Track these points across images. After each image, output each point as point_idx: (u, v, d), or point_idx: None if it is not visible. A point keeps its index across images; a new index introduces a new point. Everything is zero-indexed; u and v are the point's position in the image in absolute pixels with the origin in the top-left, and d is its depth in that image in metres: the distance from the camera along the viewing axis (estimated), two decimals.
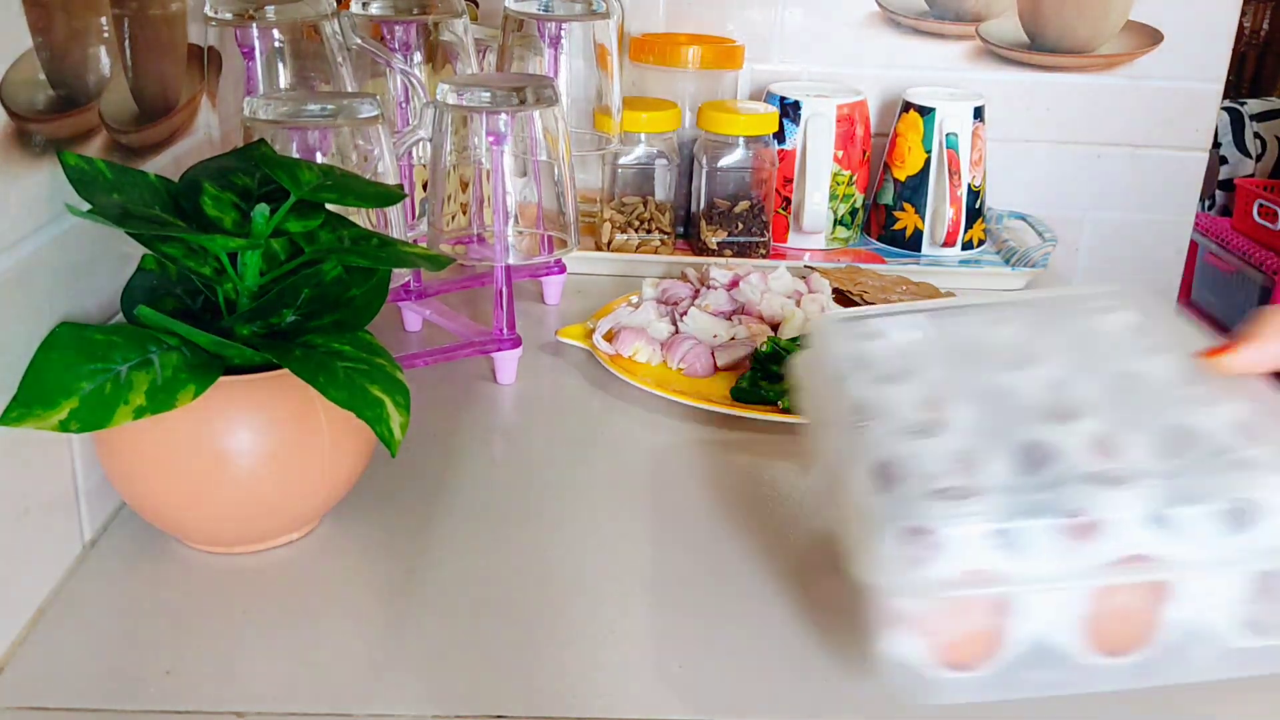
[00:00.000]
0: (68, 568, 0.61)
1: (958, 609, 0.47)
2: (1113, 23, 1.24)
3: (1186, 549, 0.46)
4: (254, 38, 0.77)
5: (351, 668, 0.55)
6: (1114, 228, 1.32)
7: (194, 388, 0.54)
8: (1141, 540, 0.46)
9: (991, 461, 0.49)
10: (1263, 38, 2.66)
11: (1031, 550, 0.46)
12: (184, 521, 0.61)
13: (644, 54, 1.15)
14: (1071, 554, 0.46)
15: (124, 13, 0.66)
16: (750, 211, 1.09)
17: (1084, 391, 0.54)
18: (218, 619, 0.58)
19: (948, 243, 1.13)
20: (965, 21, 1.24)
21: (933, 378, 0.57)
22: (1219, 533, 0.46)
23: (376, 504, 0.68)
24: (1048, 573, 0.46)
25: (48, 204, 0.57)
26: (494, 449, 0.76)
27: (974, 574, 0.46)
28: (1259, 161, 2.33)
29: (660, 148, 1.09)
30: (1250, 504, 0.46)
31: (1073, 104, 1.26)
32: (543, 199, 0.86)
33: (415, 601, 0.60)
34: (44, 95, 0.57)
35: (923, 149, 1.13)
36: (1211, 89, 1.26)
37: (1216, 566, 0.46)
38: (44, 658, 0.55)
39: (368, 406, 0.56)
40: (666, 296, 0.94)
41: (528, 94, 0.77)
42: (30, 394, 0.51)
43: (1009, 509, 0.46)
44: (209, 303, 0.62)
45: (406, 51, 0.87)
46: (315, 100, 0.69)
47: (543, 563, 0.63)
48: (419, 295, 0.92)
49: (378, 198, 0.65)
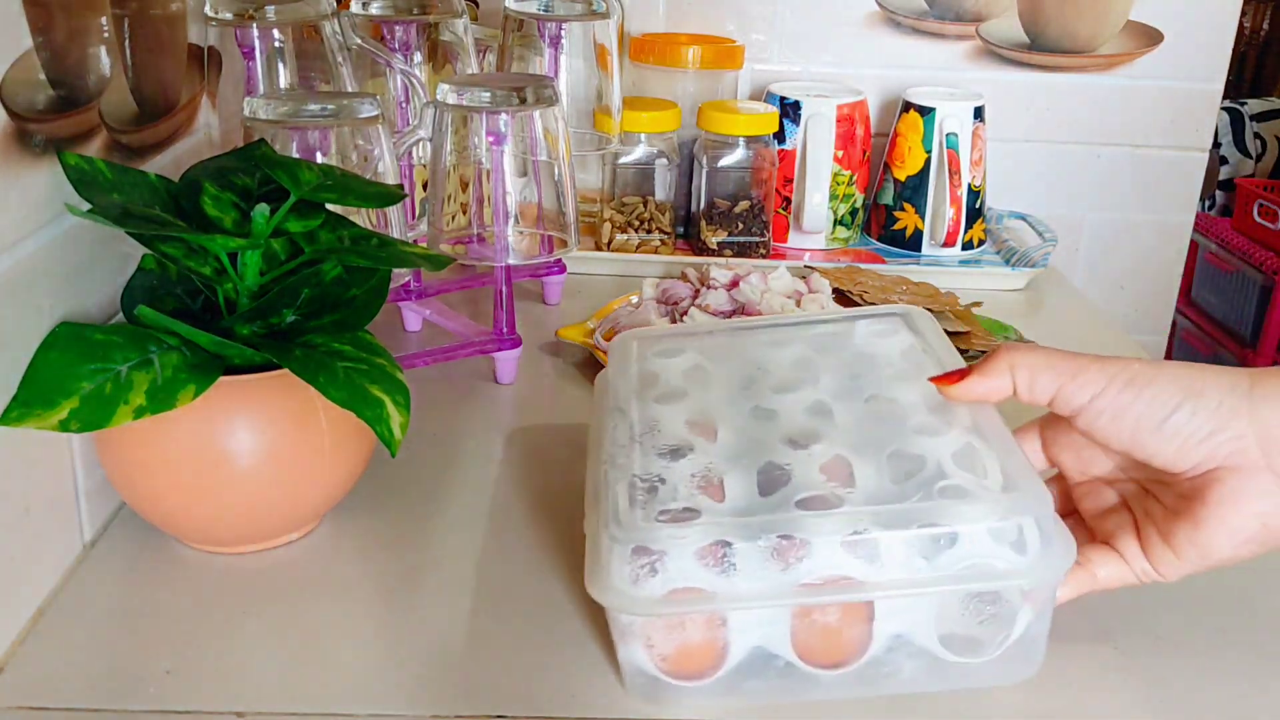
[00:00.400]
0: (68, 568, 0.61)
1: (677, 624, 0.51)
2: (1113, 23, 1.24)
3: (881, 572, 0.49)
4: (254, 38, 0.77)
5: (351, 668, 0.55)
6: (1114, 228, 1.32)
7: (194, 388, 0.54)
8: (843, 562, 0.49)
9: (732, 483, 0.53)
10: (1263, 38, 2.66)
11: (743, 570, 0.49)
12: (184, 521, 0.61)
13: (644, 54, 1.15)
14: (779, 574, 0.49)
15: (124, 13, 0.66)
16: (750, 211, 1.09)
17: (837, 415, 0.58)
18: (218, 619, 0.58)
19: (948, 243, 1.13)
20: (965, 21, 1.24)
21: (706, 399, 0.60)
22: (912, 557, 0.49)
23: (376, 504, 0.68)
24: (754, 592, 0.49)
25: (48, 204, 0.57)
26: (494, 449, 0.76)
27: (687, 592, 0.49)
28: (1259, 161, 2.33)
29: (660, 148, 1.09)
30: (941, 532, 0.49)
31: (1073, 104, 1.26)
32: (543, 199, 0.85)
33: (415, 601, 0.60)
34: (44, 95, 0.57)
35: (923, 149, 1.13)
36: (1211, 89, 1.26)
37: (906, 590, 0.49)
38: (44, 658, 0.55)
39: (368, 406, 0.56)
40: (666, 296, 0.94)
41: (528, 94, 0.77)
42: (30, 394, 0.51)
43: (727, 531, 0.50)
44: (209, 303, 0.62)
45: (406, 51, 0.87)
46: (315, 100, 0.69)
47: (543, 562, 0.63)
48: (419, 295, 0.92)
49: (378, 198, 0.65)
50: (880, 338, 0.65)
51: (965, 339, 0.90)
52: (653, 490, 0.53)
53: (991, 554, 0.49)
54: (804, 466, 0.54)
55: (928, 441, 0.54)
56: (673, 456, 0.55)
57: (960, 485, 0.51)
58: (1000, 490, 0.51)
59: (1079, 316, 1.06)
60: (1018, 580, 0.49)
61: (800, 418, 0.58)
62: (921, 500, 0.51)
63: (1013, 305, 1.06)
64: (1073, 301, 1.09)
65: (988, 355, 0.55)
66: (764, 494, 0.53)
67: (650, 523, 0.50)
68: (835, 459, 0.54)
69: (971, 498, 0.50)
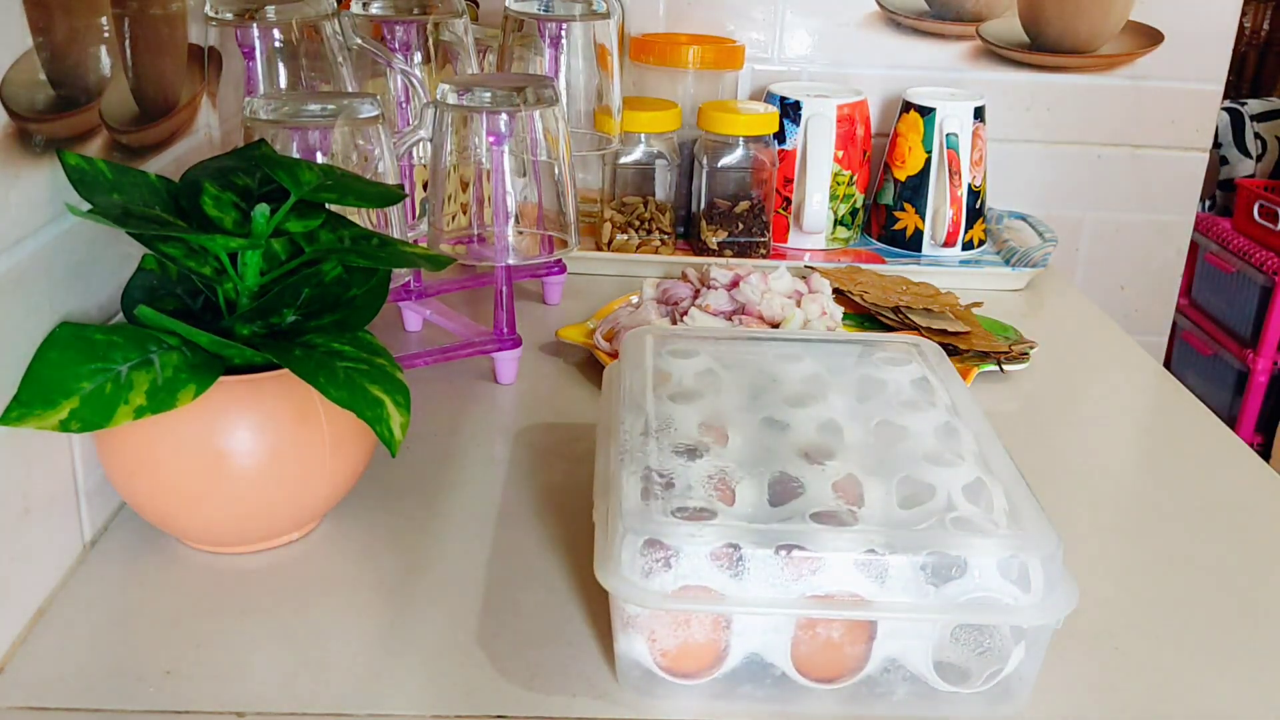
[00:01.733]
0: (68, 568, 0.61)
1: (682, 621, 0.51)
2: (1113, 23, 1.24)
3: (889, 593, 0.50)
4: (254, 38, 0.77)
5: (351, 668, 0.55)
6: (1114, 228, 1.32)
7: (194, 387, 0.54)
8: (851, 580, 0.50)
9: (743, 489, 0.54)
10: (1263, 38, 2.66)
11: (755, 576, 0.50)
12: (184, 521, 0.61)
13: (644, 54, 1.15)
14: (790, 584, 0.49)
15: (124, 13, 0.66)
16: (750, 211, 1.09)
17: (847, 435, 0.59)
18: (218, 619, 0.58)
19: (948, 243, 1.13)
20: (965, 21, 1.24)
21: (719, 403, 0.61)
22: (921, 583, 0.50)
23: (376, 504, 0.68)
24: (762, 599, 0.50)
25: (48, 204, 0.57)
26: (494, 449, 0.76)
27: (698, 591, 0.49)
28: (1259, 161, 2.33)
29: (660, 148, 1.09)
30: (952, 561, 0.50)
31: (1073, 104, 1.26)
32: (543, 199, 0.85)
33: (415, 601, 0.60)
34: (44, 95, 0.57)
35: (923, 149, 1.13)
36: (1211, 89, 1.26)
37: (914, 614, 0.50)
38: (44, 658, 0.55)
39: (368, 406, 0.56)
40: (667, 296, 0.94)
41: (528, 94, 0.77)
42: (30, 394, 0.51)
43: (743, 535, 0.50)
44: (209, 303, 0.62)
45: (406, 51, 0.87)
46: (315, 100, 0.69)
47: (543, 562, 0.63)
48: (419, 295, 0.92)
49: (378, 198, 0.65)
50: (892, 365, 0.66)
51: (965, 339, 0.90)
52: (669, 486, 0.53)
53: (998, 588, 0.50)
54: (817, 481, 0.54)
55: (938, 471, 0.55)
56: (689, 456, 0.55)
57: (970, 518, 0.52)
58: (1009, 527, 0.52)
59: (1079, 316, 1.06)
60: (1021, 618, 0.50)
61: (813, 433, 0.59)
62: (932, 529, 0.51)
63: (1013, 305, 1.06)
64: (1073, 301, 1.09)
65: None
66: (775, 504, 0.53)
67: (666, 517, 0.51)
68: (847, 478, 0.55)
69: (981, 531, 0.51)
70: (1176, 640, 0.59)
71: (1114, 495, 0.75)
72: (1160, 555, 0.67)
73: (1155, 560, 0.66)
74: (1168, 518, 0.71)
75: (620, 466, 0.55)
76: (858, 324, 0.97)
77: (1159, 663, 0.57)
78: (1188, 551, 0.67)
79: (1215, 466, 0.78)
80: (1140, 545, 0.68)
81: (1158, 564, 0.66)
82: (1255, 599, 0.63)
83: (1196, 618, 0.61)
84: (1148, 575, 0.65)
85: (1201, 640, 0.59)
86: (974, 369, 0.87)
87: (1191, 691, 0.55)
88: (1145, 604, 0.62)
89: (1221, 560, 0.66)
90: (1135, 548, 0.68)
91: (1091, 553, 0.67)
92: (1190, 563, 0.66)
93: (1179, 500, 0.74)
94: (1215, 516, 0.71)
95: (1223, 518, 0.71)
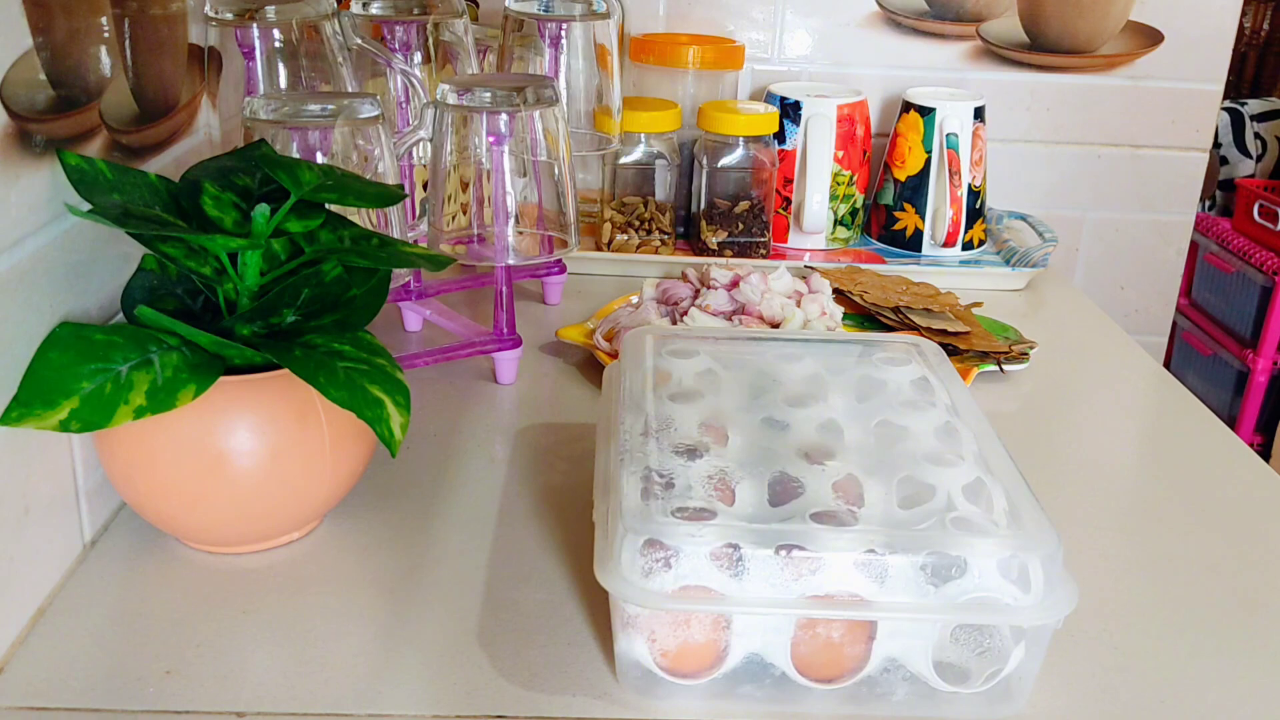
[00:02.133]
0: (68, 568, 0.61)
1: (682, 621, 0.51)
2: (1113, 23, 1.24)
3: (889, 594, 0.50)
4: (254, 38, 0.77)
5: (351, 668, 0.55)
6: (1114, 228, 1.32)
7: (194, 388, 0.54)
8: (851, 580, 0.50)
9: (743, 489, 0.54)
10: (1263, 38, 2.66)
11: (755, 576, 0.50)
12: (184, 521, 0.61)
13: (644, 54, 1.15)
14: (791, 584, 0.49)
15: (124, 13, 0.66)
16: (750, 211, 1.09)
17: (847, 435, 0.59)
18: (218, 619, 0.58)
19: (948, 243, 1.13)
20: (965, 21, 1.24)
21: (719, 403, 0.61)
22: (921, 583, 0.50)
23: (376, 504, 0.68)
24: (762, 599, 0.50)
25: (48, 204, 0.57)
26: (494, 449, 0.76)
27: (698, 591, 0.49)
28: (1259, 162, 2.33)
29: (660, 148, 1.09)
30: (952, 561, 0.50)
31: (1073, 104, 1.26)
32: (543, 199, 0.85)
33: (415, 601, 0.60)
34: (44, 95, 0.57)
35: (923, 149, 1.13)
36: (1211, 89, 1.26)
37: (914, 614, 0.50)
38: (44, 658, 0.55)
39: (368, 406, 0.56)
40: (666, 296, 0.94)
41: (528, 94, 0.77)
42: (30, 394, 0.51)
43: (743, 535, 0.50)
44: (209, 303, 0.62)
45: (406, 51, 0.87)
46: (315, 100, 0.69)
47: (543, 562, 0.63)
48: (419, 295, 0.92)
49: (378, 198, 0.65)
50: (892, 365, 0.66)
51: (965, 339, 0.90)
52: (669, 486, 0.53)
53: (998, 589, 0.50)
54: (817, 481, 0.54)
55: (938, 471, 0.55)
56: (689, 456, 0.56)
57: (970, 518, 0.52)
58: (1009, 527, 0.52)
59: (1079, 316, 1.06)
60: (1021, 618, 0.50)
61: (812, 433, 0.59)
62: (932, 529, 0.51)
63: (1013, 305, 1.06)
64: (1073, 301, 1.09)
65: None
66: (774, 504, 0.53)
67: (666, 517, 0.51)
68: (847, 478, 0.55)
69: (981, 531, 0.51)
70: (1176, 640, 0.59)
71: (1114, 495, 0.75)
72: (1160, 555, 0.67)
73: (1155, 560, 0.66)
74: (1168, 518, 0.71)
75: (620, 466, 0.55)
76: (858, 324, 0.97)
77: (1159, 662, 0.57)
78: (1188, 551, 0.67)
79: (1215, 466, 0.78)
80: (1140, 545, 0.68)
81: (1158, 564, 0.66)
82: (1255, 599, 0.63)
83: (1196, 618, 0.61)
84: (1148, 575, 0.65)
85: (1201, 640, 0.59)
86: (974, 369, 0.87)
87: (1191, 691, 0.55)
88: (1145, 604, 0.62)
89: (1221, 560, 0.66)
90: (1135, 548, 0.68)
91: (1091, 553, 0.67)
92: (1190, 563, 0.66)
93: (1179, 500, 0.74)
94: (1215, 516, 0.71)
95: (1223, 518, 0.71)
